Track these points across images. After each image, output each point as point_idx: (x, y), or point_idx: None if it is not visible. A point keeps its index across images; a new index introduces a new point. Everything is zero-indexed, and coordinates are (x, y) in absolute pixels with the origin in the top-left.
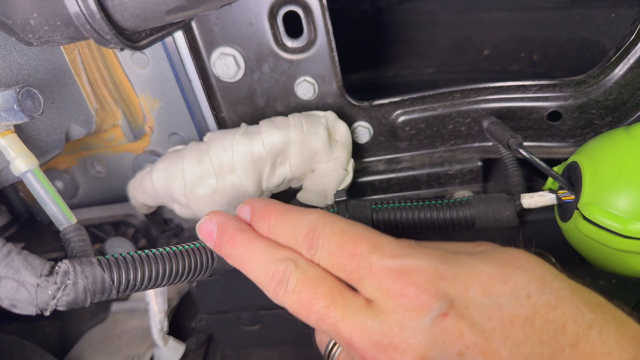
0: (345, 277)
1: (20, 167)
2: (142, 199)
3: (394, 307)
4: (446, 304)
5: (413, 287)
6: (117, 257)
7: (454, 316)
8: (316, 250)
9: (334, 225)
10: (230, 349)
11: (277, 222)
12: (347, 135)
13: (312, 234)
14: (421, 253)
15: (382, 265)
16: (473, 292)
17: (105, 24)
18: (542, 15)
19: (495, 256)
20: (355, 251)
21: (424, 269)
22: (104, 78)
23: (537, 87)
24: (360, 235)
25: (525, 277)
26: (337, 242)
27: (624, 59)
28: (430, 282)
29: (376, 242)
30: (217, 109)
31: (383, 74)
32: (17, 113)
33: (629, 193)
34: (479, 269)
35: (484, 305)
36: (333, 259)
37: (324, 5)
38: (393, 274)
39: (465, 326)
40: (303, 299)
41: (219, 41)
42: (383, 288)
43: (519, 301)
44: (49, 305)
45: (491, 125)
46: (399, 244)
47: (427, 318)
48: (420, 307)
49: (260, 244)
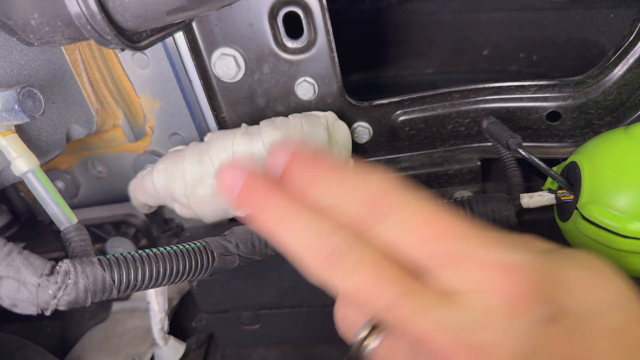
0: (421, 260)
1: (21, 167)
2: (143, 198)
3: (492, 305)
4: (551, 310)
5: (519, 286)
6: (118, 257)
7: (558, 323)
8: (384, 219)
9: (415, 195)
10: (230, 349)
11: (329, 176)
12: (347, 135)
13: (381, 199)
14: (521, 250)
15: (486, 256)
16: (572, 299)
17: (106, 24)
18: (541, 16)
19: (583, 261)
20: (446, 231)
21: (531, 267)
22: (105, 78)
23: (536, 88)
24: (450, 215)
25: (615, 287)
26: (420, 215)
27: (623, 60)
28: (537, 283)
29: (471, 227)
30: (218, 109)
31: (383, 74)
32: (18, 113)
33: (628, 193)
34: (574, 274)
35: (582, 315)
36: (409, 236)
37: (324, 6)
38: (496, 267)
39: (569, 335)
40: (365, 282)
41: (220, 42)
42: (480, 282)
43: (613, 312)
44: (49, 304)
45: (490, 125)
46: (494, 236)
47: (531, 322)
48: (525, 310)
49: (304, 207)
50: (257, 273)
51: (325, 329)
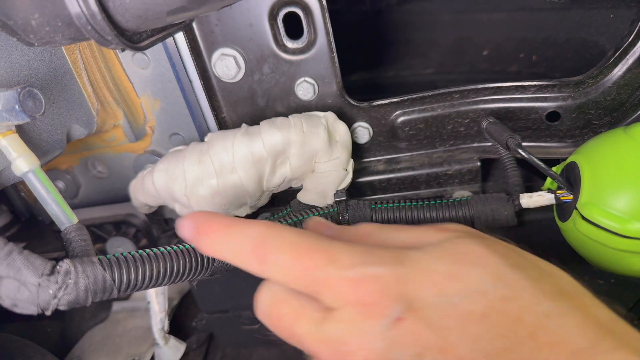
0: (303, 290)
1: (21, 167)
2: (143, 199)
3: (353, 315)
4: (402, 308)
5: (370, 295)
6: (118, 257)
7: (410, 318)
8: (267, 265)
9: (283, 238)
10: (230, 348)
11: (219, 237)
12: (347, 135)
13: (260, 248)
14: (375, 258)
15: (339, 275)
16: (427, 292)
17: (106, 24)
18: (541, 16)
19: (450, 250)
20: (309, 264)
21: (379, 275)
22: (105, 78)
23: (536, 88)
24: (314, 247)
25: (479, 272)
26: (289, 256)
27: (623, 60)
28: (387, 287)
29: (331, 252)
30: (218, 109)
31: (383, 74)
32: (19, 113)
33: (627, 193)
34: (432, 267)
35: (439, 305)
36: (288, 273)
37: (324, 6)
38: (351, 283)
39: (422, 327)
40: (273, 321)
41: (220, 42)
42: (342, 298)
43: (473, 298)
44: (50, 304)
45: (490, 125)
46: (353, 251)
47: (383, 323)
48: (378, 313)
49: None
50: None
51: None
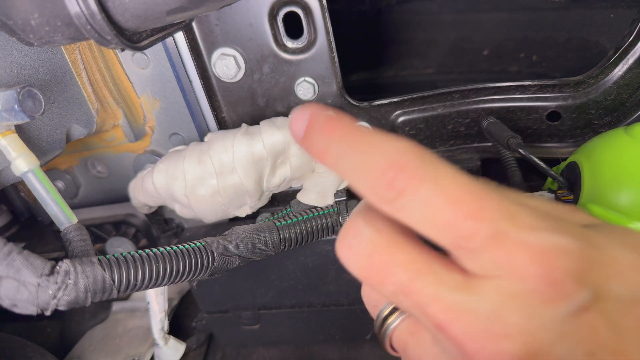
0: (445, 242)
1: (21, 167)
2: (143, 199)
3: (522, 289)
4: (589, 296)
5: (557, 270)
6: (118, 257)
7: (594, 311)
8: (402, 193)
9: (440, 167)
10: (230, 348)
11: (344, 140)
12: None
13: (401, 169)
14: (563, 228)
15: (519, 238)
16: (616, 286)
17: (106, 24)
18: (541, 16)
19: (628, 238)
20: (478, 212)
21: (571, 250)
22: (105, 78)
23: (536, 88)
24: (484, 192)
25: None
26: (449, 192)
27: (623, 59)
28: (576, 267)
29: (508, 206)
30: (218, 109)
31: (383, 74)
32: (18, 113)
33: (628, 193)
34: (619, 254)
35: (623, 300)
36: (435, 214)
37: (324, 6)
38: (533, 252)
39: (604, 325)
40: (375, 268)
41: (220, 42)
42: (513, 265)
43: None
44: (49, 304)
45: (490, 125)
46: (535, 213)
47: (565, 309)
48: (560, 295)
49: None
50: (257, 273)
51: (325, 329)
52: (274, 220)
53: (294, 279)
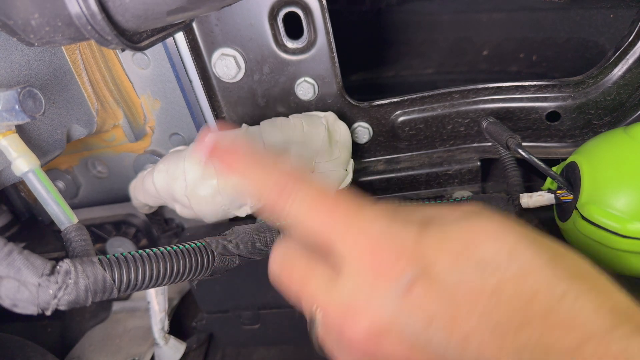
0: (319, 236)
1: (21, 167)
2: (144, 199)
3: (366, 271)
4: (417, 272)
5: (387, 253)
6: (118, 257)
7: (423, 285)
8: (291, 200)
9: (312, 182)
10: (230, 348)
11: (248, 160)
12: (347, 135)
13: (289, 181)
14: (399, 219)
15: (360, 227)
16: (443, 260)
17: (106, 24)
18: (541, 16)
19: (469, 224)
20: (335, 210)
21: (400, 235)
22: (105, 78)
23: (536, 88)
24: (342, 197)
25: (494, 247)
26: (316, 196)
27: (623, 60)
28: (404, 248)
29: (357, 205)
30: (218, 109)
31: (383, 74)
32: (19, 113)
33: (627, 193)
34: (450, 237)
35: (453, 276)
36: (309, 213)
37: (324, 6)
38: (367, 239)
39: (434, 295)
40: (284, 280)
41: (220, 42)
42: (356, 254)
43: (487, 272)
44: (50, 304)
45: (490, 125)
46: (378, 208)
47: (397, 285)
48: (392, 274)
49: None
50: (257, 273)
51: None
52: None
53: None
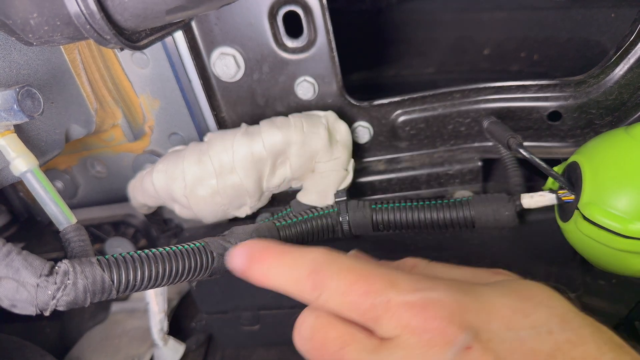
0: (358, 318)
1: (20, 167)
2: (143, 199)
3: (417, 342)
4: (470, 337)
5: (436, 321)
6: (117, 257)
7: (478, 349)
8: (322, 290)
9: (340, 263)
10: (230, 349)
11: (274, 264)
12: (347, 135)
13: (316, 274)
14: (440, 285)
15: (402, 300)
16: (495, 324)
17: (105, 23)
18: (542, 15)
19: (514, 288)
20: (369, 288)
21: (445, 301)
22: (104, 78)
23: (537, 87)
24: (372, 272)
25: (546, 312)
26: (348, 280)
27: (624, 59)
28: (453, 314)
29: (390, 277)
30: (217, 109)
31: (383, 74)
32: (17, 113)
33: (629, 193)
34: (499, 301)
35: (506, 339)
36: (344, 299)
37: (324, 5)
38: (414, 308)
39: (490, 358)
40: (315, 345)
41: (219, 41)
42: (404, 324)
43: (541, 336)
44: (48, 305)
45: (491, 125)
46: (414, 277)
47: (451, 351)
48: (444, 341)
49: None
50: None
51: None
52: (273, 220)
53: None
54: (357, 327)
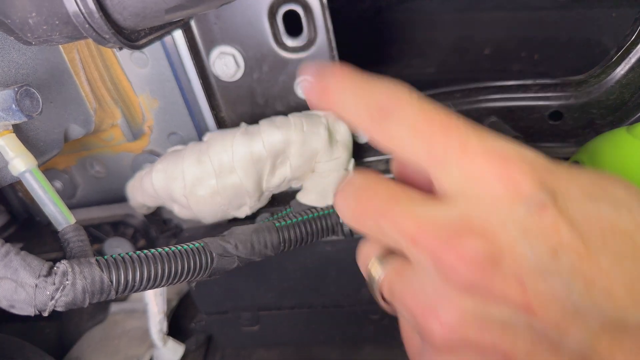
0: (424, 159)
1: (18, 167)
2: (142, 199)
3: (485, 193)
4: (547, 196)
5: (514, 172)
6: (116, 258)
7: (554, 212)
8: (392, 118)
9: (422, 97)
10: (230, 350)
11: (345, 85)
12: (347, 135)
13: (390, 99)
14: (522, 145)
15: (482, 147)
16: (575, 190)
17: (104, 23)
18: (543, 15)
19: (595, 170)
20: (449, 127)
21: (528, 156)
22: (103, 77)
23: (538, 87)
24: (456, 116)
25: (625, 191)
26: (427, 113)
27: (625, 59)
28: (534, 171)
29: (475, 125)
30: (217, 108)
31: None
32: (16, 113)
33: None
34: (580, 173)
35: (585, 208)
36: (415, 132)
37: (324, 4)
38: (493, 156)
39: (564, 224)
40: (362, 202)
41: (219, 40)
42: (477, 173)
43: (621, 213)
44: (47, 305)
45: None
46: (497, 134)
47: (523, 207)
48: (519, 195)
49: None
50: (257, 274)
51: (325, 330)
52: (273, 220)
53: (293, 280)
54: (410, 186)
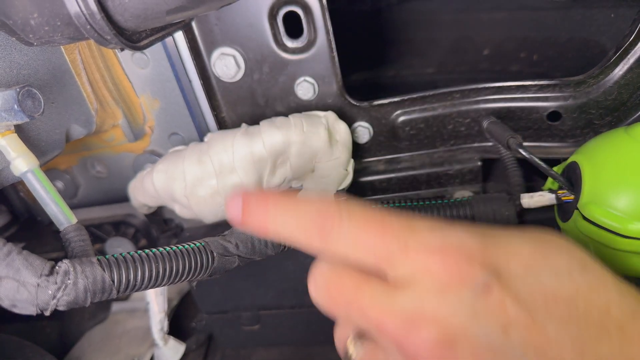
0: (372, 262)
1: (20, 167)
2: (143, 199)
3: (434, 284)
4: (490, 277)
5: (455, 263)
6: (117, 257)
7: (498, 290)
8: (333, 237)
9: (352, 207)
10: (230, 349)
11: (275, 211)
12: (347, 135)
13: (325, 220)
14: (458, 230)
15: (420, 243)
16: (515, 266)
17: (105, 24)
18: (542, 15)
19: (532, 234)
20: (385, 232)
21: (464, 243)
22: (104, 78)
23: (537, 87)
24: (387, 216)
25: (566, 256)
26: (362, 223)
27: (624, 59)
28: (472, 256)
29: (407, 221)
30: (217, 109)
31: (383, 74)
32: (18, 113)
33: (628, 193)
34: (518, 243)
35: (526, 280)
36: (358, 245)
37: (324, 6)
38: (432, 252)
39: (510, 300)
40: (332, 293)
41: (219, 41)
42: (421, 267)
43: (561, 279)
44: (49, 305)
45: (491, 125)
46: (432, 221)
47: (469, 292)
48: (463, 281)
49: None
50: (257, 273)
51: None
52: None
53: (294, 280)
54: (371, 274)
